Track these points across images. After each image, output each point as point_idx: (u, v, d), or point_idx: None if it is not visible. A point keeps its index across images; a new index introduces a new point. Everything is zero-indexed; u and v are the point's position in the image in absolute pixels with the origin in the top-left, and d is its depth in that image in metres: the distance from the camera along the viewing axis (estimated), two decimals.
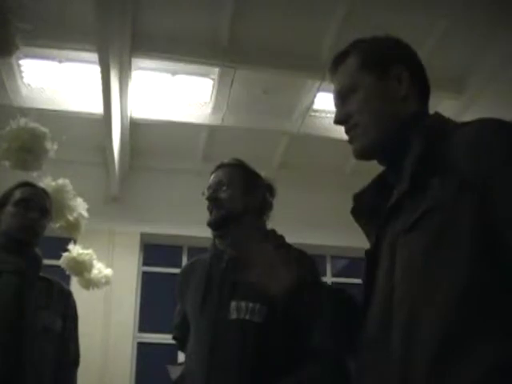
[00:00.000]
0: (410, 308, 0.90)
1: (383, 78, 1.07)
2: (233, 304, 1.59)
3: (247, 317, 1.57)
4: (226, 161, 1.82)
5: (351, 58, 1.11)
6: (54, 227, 3.41)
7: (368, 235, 1.10)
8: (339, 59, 1.13)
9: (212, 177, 1.78)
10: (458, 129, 0.97)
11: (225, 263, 1.69)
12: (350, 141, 1.11)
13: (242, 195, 1.72)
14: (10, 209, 2.04)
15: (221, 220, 1.69)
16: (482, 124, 0.94)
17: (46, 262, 2.19)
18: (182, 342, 1.79)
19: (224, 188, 1.72)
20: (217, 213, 1.70)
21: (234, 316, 1.58)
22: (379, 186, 1.10)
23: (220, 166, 1.79)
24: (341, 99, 1.12)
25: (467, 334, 0.83)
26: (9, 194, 2.07)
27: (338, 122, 1.12)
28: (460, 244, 0.87)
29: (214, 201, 1.71)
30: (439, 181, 0.92)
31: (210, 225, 1.72)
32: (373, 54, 1.10)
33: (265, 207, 1.77)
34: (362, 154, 1.10)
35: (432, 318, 0.86)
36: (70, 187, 3.55)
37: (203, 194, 1.76)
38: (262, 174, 1.82)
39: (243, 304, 1.58)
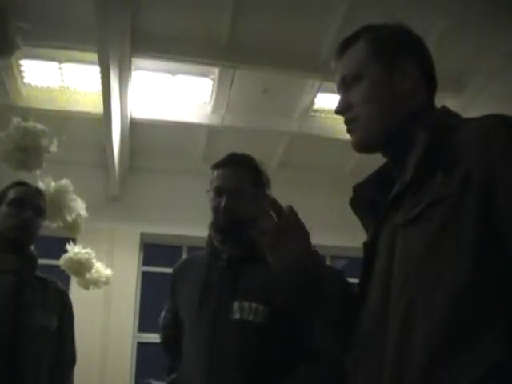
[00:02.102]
0: (407, 305, 0.89)
1: (390, 71, 1.04)
2: (235, 304, 1.58)
3: (250, 317, 1.55)
4: (235, 157, 1.72)
5: (360, 43, 1.07)
6: (52, 227, 3.41)
7: (366, 228, 1.09)
8: (346, 45, 1.09)
9: (220, 175, 1.69)
10: (463, 124, 0.96)
11: (224, 262, 1.68)
12: (350, 132, 1.08)
13: (251, 203, 1.65)
14: (4, 209, 2.03)
15: (232, 227, 1.65)
16: (486, 120, 0.93)
17: (47, 262, 2.19)
18: (169, 343, 1.77)
19: (237, 197, 1.65)
20: (228, 219, 1.65)
21: (237, 316, 1.57)
22: (380, 179, 1.09)
23: (228, 163, 1.71)
24: (344, 87, 1.09)
25: (467, 333, 0.82)
26: (3, 193, 2.07)
27: (338, 112, 1.09)
28: (462, 240, 0.86)
29: (227, 210, 1.65)
30: (443, 175, 0.91)
31: (218, 230, 1.68)
32: (382, 43, 1.06)
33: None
34: (361, 148, 1.08)
35: (430, 317, 0.86)
36: (71, 188, 3.56)
37: (207, 191, 1.71)
38: (258, 161, 1.75)
39: (246, 304, 1.57)
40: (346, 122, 1.08)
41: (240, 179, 1.68)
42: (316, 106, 5.70)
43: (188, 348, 1.65)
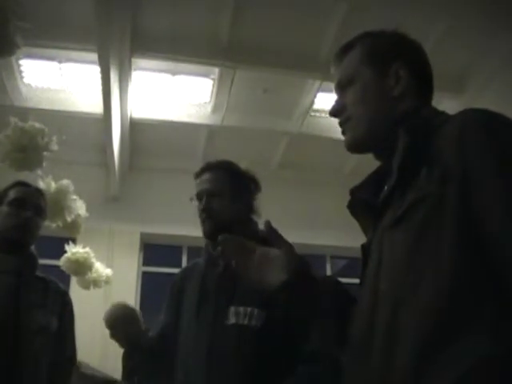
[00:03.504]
0: (393, 306, 0.90)
1: (382, 75, 1.08)
2: (232, 309, 1.58)
3: (245, 322, 1.56)
4: (211, 163, 1.79)
5: (354, 50, 1.12)
6: (51, 227, 3.41)
7: (365, 231, 1.11)
8: (344, 51, 1.14)
9: (199, 182, 1.76)
10: (447, 121, 0.97)
11: (221, 268, 1.67)
12: (343, 133, 1.12)
13: (232, 202, 1.71)
14: (4, 209, 2.03)
15: (216, 231, 1.65)
16: (464, 115, 0.95)
17: (46, 262, 2.19)
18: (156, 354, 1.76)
19: (215, 197, 1.71)
20: (211, 224, 1.70)
21: (232, 321, 1.57)
22: (377, 180, 1.10)
23: (206, 169, 1.77)
24: (339, 90, 1.13)
25: (451, 331, 0.83)
26: (3, 194, 2.07)
27: (332, 113, 1.13)
28: (443, 240, 0.87)
29: (206, 212, 1.70)
30: (425, 175, 0.92)
31: (206, 235, 1.72)
32: (375, 49, 1.11)
33: (253, 206, 1.76)
34: (351, 147, 1.11)
35: (414, 317, 0.86)
36: (71, 188, 3.56)
37: (191, 199, 1.75)
38: (243, 166, 1.79)
39: (241, 309, 1.57)
40: (340, 124, 1.12)
41: (216, 182, 1.73)
42: (316, 106, 5.70)
43: (186, 354, 1.64)
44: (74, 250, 4.15)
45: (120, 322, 3.70)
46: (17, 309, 1.93)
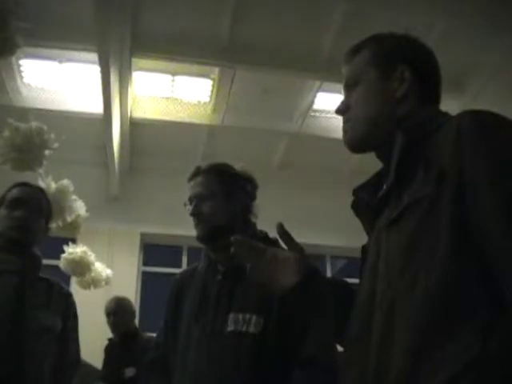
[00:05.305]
0: (389, 306, 0.91)
1: (386, 77, 1.09)
2: (230, 316, 1.58)
3: (244, 328, 1.55)
4: (202, 167, 1.77)
5: (363, 52, 1.14)
6: (52, 227, 3.41)
7: (367, 231, 1.11)
8: (353, 52, 1.16)
9: (191, 186, 1.75)
10: (446, 122, 0.98)
11: (220, 275, 1.67)
12: (344, 132, 1.14)
13: (224, 204, 1.69)
14: (4, 209, 2.03)
15: (209, 234, 1.67)
16: (462, 117, 0.95)
17: (46, 262, 2.18)
18: (158, 363, 1.75)
19: (205, 201, 1.69)
20: (203, 227, 1.67)
21: (231, 328, 1.57)
22: (379, 181, 1.11)
23: (196, 174, 1.76)
24: (346, 91, 1.15)
25: (444, 332, 0.84)
26: (5, 194, 2.07)
27: (336, 111, 1.15)
28: (438, 241, 0.87)
29: (197, 216, 1.68)
30: (422, 176, 0.93)
31: (199, 239, 1.70)
32: (381, 51, 1.12)
33: (250, 207, 1.74)
34: (350, 146, 1.13)
35: (409, 317, 0.87)
36: (71, 188, 3.56)
37: (185, 205, 1.73)
38: (238, 167, 1.77)
39: (240, 316, 1.57)
40: (344, 122, 1.14)
41: (205, 185, 1.71)
42: (316, 106, 5.70)
43: (184, 359, 1.64)
44: (70, 250, 4.16)
45: (113, 313, 3.80)
46: (20, 309, 1.93)
